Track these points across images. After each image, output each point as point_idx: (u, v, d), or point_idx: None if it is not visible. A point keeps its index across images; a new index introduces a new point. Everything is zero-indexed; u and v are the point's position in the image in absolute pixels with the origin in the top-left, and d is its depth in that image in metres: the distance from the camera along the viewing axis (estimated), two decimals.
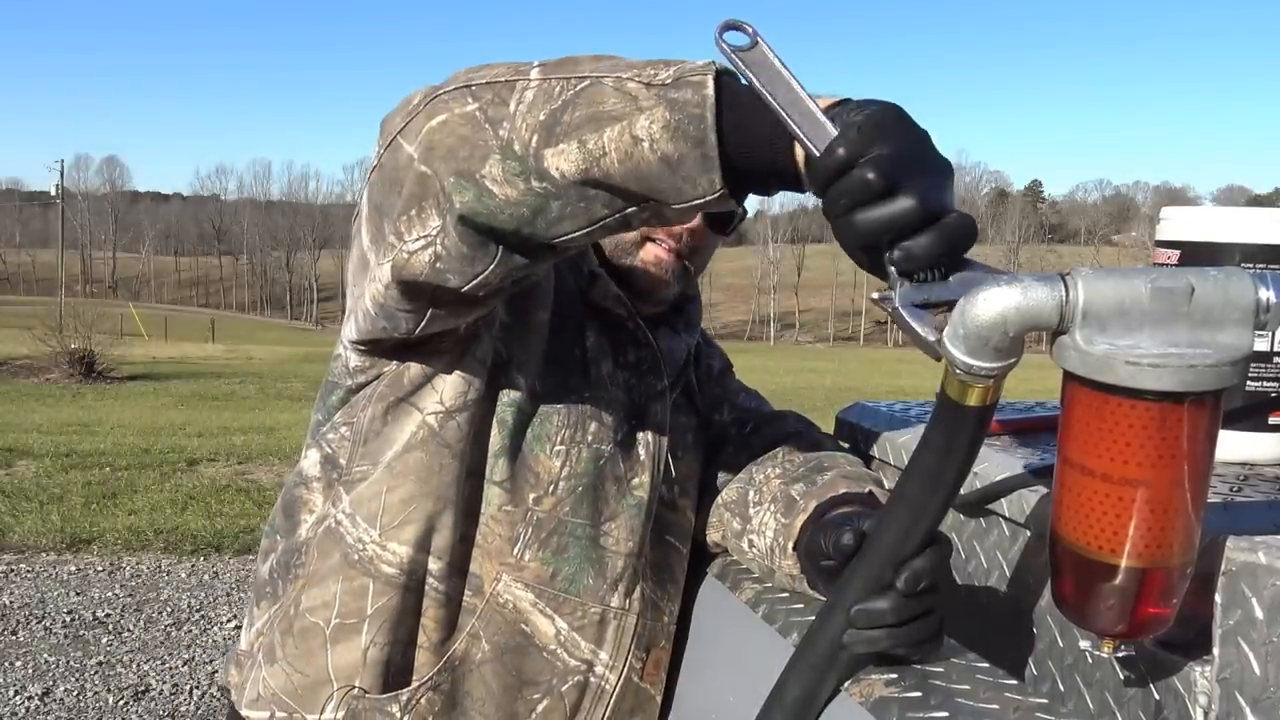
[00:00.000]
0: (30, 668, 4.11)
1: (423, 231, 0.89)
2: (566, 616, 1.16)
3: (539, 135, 0.79)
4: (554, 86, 0.80)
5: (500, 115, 0.81)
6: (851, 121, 0.72)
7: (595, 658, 1.18)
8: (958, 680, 0.89)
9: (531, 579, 1.15)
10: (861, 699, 0.87)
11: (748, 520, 1.20)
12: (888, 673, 0.90)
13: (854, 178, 0.70)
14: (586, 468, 1.17)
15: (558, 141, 0.79)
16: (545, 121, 0.79)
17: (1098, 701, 0.95)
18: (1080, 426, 0.74)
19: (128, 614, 4.78)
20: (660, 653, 1.25)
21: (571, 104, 0.79)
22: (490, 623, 1.14)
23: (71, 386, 15.12)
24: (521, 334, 1.15)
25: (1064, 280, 0.70)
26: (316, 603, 1.14)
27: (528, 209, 0.83)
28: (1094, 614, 0.78)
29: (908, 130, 0.73)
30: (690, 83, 0.75)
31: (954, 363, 0.73)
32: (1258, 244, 1.08)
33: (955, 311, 0.71)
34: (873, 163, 0.70)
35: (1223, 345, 0.70)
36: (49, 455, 8.26)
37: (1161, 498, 0.72)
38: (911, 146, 0.72)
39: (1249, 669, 0.80)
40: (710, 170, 0.76)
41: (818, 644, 0.90)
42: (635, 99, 0.76)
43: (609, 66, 0.80)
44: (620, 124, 0.76)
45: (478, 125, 0.82)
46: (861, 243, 0.72)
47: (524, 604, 1.15)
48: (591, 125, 0.77)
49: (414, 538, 1.12)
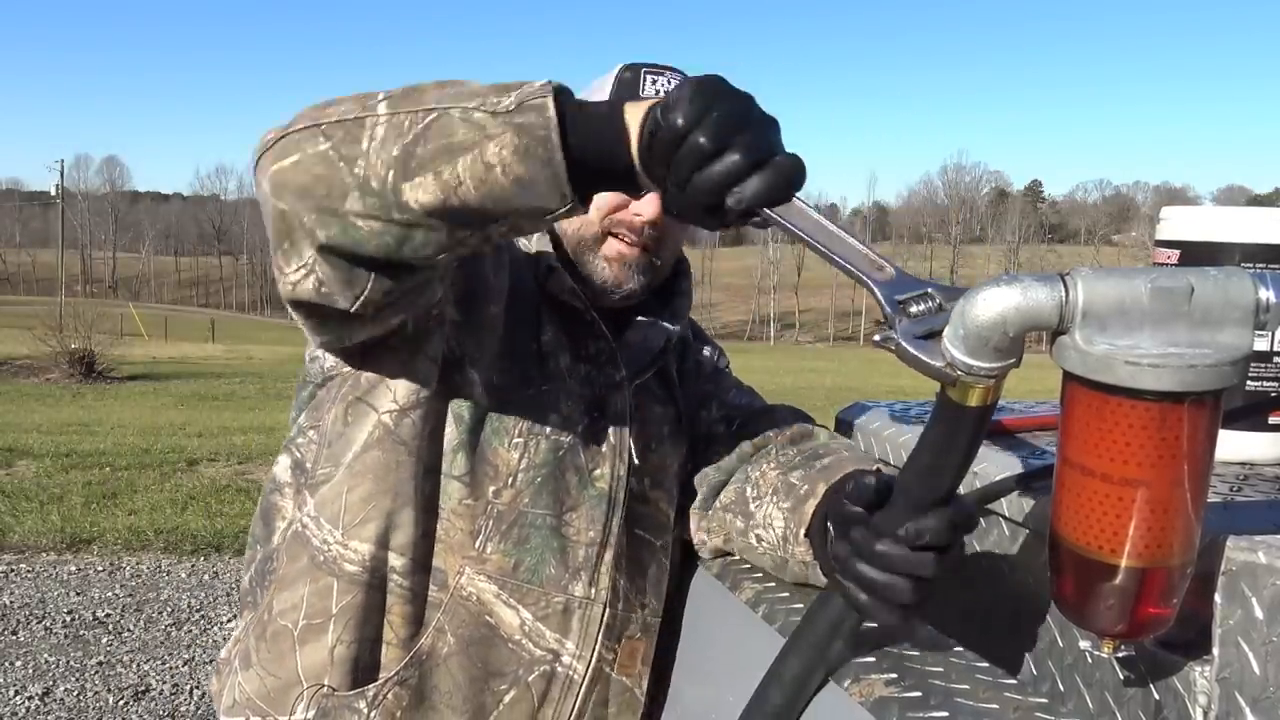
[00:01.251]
0: (30, 668, 4.11)
1: (300, 261, 0.93)
2: (530, 607, 1.17)
3: (395, 170, 0.84)
4: (403, 121, 0.84)
5: (354, 153, 0.85)
6: (677, 98, 0.78)
7: (561, 647, 1.18)
8: (958, 680, 0.89)
9: (494, 571, 1.16)
10: (861, 699, 0.87)
11: (750, 517, 1.19)
12: (888, 673, 0.90)
13: (688, 145, 0.77)
14: (545, 458, 1.18)
15: (414, 175, 0.83)
16: (399, 157, 0.83)
17: (1098, 701, 0.95)
18: (1080, 426, 0.74)
19: (128, 614, 4.78)
20: (635, 644, 1.25)
21: (422, 137, 0.83)
22: (455, 616, 1.15)
23: (71, 386, 15.11)
24: (473, 330, 1.17)
25: (1064, 280, 0.70)
26: (286, 605, 1.16)
27: (392, 238, 0.87)
28: (1094, 614, 0.78)
29: (728, 94, 0.79)
30: (532, 106, 0.81)
31: (954, 363, 0.73)
32: (1258, 244, 1.08)
33: (955, 312, 0.71)
34: (701, 127, 0.77)
35: (1223, 345, 0.70)
36: (49, 455, 8.25)
37: (1161, 498, 0.72)
38: (734, 107, 0.78)
39: (1249, 669, 0.80)
40: (560, 185, 0.81)
41: (817, 622, 0.91)
42: (483, 128, 0.81)
43: (453, 96, 0.84)
44: (471, 153, 0.81)
45: (332, 164, 0.86)
46: (705, 203, 0.79)
47: (487, 596, 1.16)
48: (444, 157, 0.82)
49: (374, 535, 1.13)
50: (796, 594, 1.14)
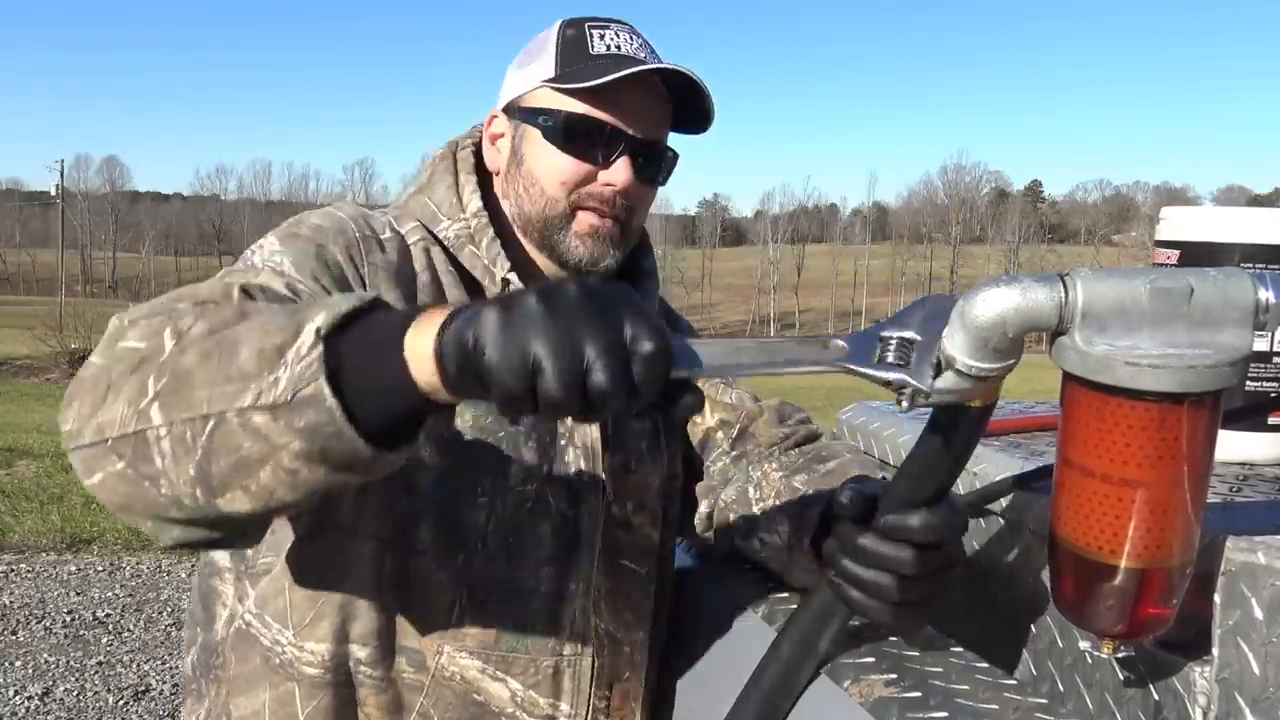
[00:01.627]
0: (30, 668, 4.11)
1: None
2: (519, 676, 1.10)
3: (200, 490, 0.76)
4: (184, 432, 0.74)
5: (151, 472, 0.76)
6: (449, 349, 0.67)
7: (556, 710, 1.12)
8: (957, 680, 0.89)
9: (475, 645, 1.09)
10: (861, 699, 0.87)
11: (754, 520, 1.18)
12: (888, 673, 0.90)
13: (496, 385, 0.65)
14: (514, 514, 1.09)
15: (221, 493, 0.75)
16: (197, 477, 0.75)
17: (1098, 701, 0.95)
18: (1080, 427, 0.74)
19: (128, 614, 4.78)
20: (627, 685, 1.19)
21: (211, 454, 0.74)
22: (440, 699, 1.08)
23: None
24: None
25: (1063, 281, 0.70)
26: (246, 712, 1.08)
27: (232, 523, 0.80)
28: (1094, 614, 0.78)
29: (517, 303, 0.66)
30: (309, 400, 0.69)
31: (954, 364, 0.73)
32: (1258, 244, 1.08)
33: (955, 312, 0.71)
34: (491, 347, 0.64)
35: (1222, 345, 0.70)
36: (49, 455, 8.25)
37: (1161, 498, 0.72)
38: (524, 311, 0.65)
39: (1248, 669, 0.80)
40: (373, 459, 0.72)
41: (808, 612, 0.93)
42: (267, 438, 0.72)
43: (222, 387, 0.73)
44: (269, 464, 0.73)
45: (137, 484, 0.78)
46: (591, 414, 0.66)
47: (472, 673, 1.09)
48: (243, 473, 0.74)
49: (330, 632, 1.05)
50: (797, 595, 1.14)
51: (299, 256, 1.02)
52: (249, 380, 0.72)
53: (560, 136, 1.11)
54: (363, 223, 1.10)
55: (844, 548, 0.89)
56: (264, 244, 1.05)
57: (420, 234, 1.13)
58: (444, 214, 1.15)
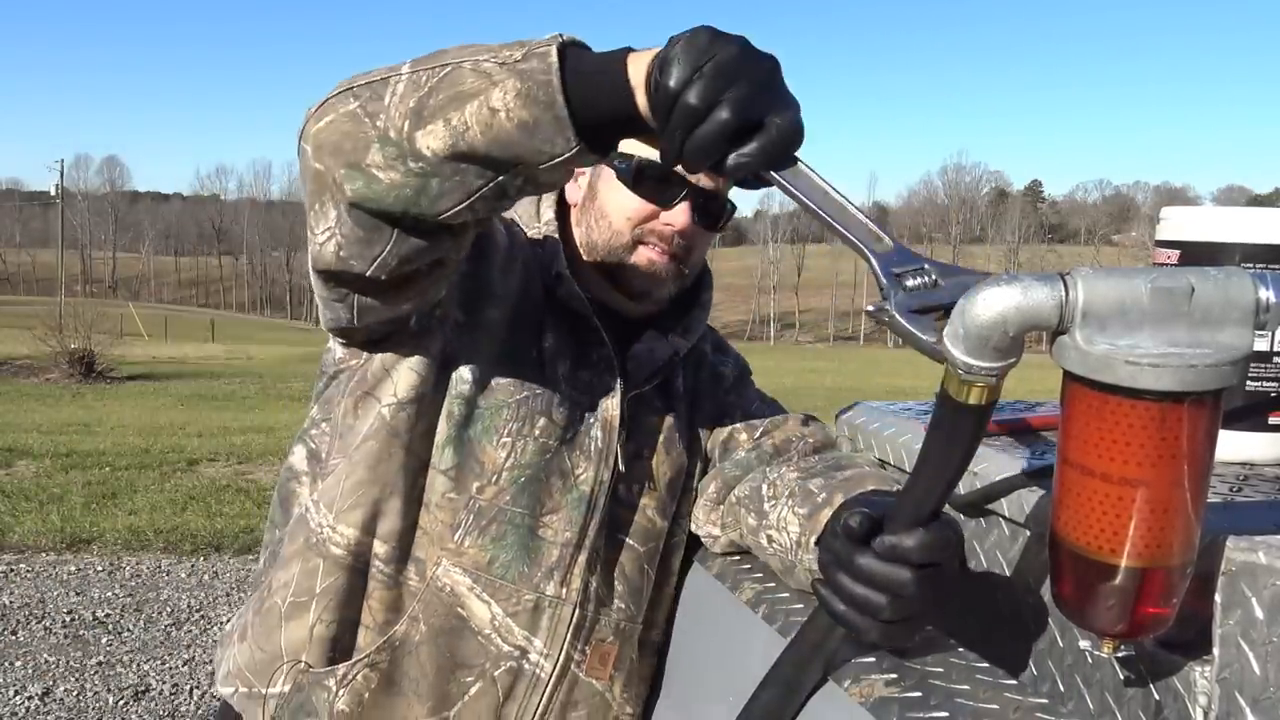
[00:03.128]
0: (30, 668, 4.11)
1: (326, 224, 0.99)
2: (502, 602, 1.19)
3: (410, 120, 0.88)
4: (421, 76, 0.89)
5: (377, 109, 0.90)
6: (666, 56, 0.79)
7: (529, 644, 1.20)
8: (957, 680, 0.89)
9: (469, 564, 1.19)
10: (862, 699, 0.87)
11: (764, 515, 1.19)
12: (888, 673, 0.90)
13: (680, 107, 0.78)
14: (531, 459, 1.20)
15: (426, 123, 0.87)
16: (414, 108, 0.88)
17: (1098, 701, 0.95)
18: (1080, 426, 0.74)
19: (128, 614, 4.77)
20: (607, 648, 1.25)
21: (436, 89, 0.87)
22: (429, 605, 1.18)
23: (71, 386, 15.11)
24: (471, 331, 1.20)
25: (1064, 280, 0.70)
26: (279, 583, 1.20)
27: (410, 189, 0.91)
28: (1094, 614, 0.78)
29: (721, 47, 0.78)
30: (536, 54, 0.83)
31: (954, 363, 0.73)
32: (1258, 244, 1.08)
33: (955, 311, 0.72)
34: (691, 89, 0.77)
35: (1222, 345, 0.70)
36: (49, 455, 8.25)
37: (1161, 498, 0.72)
38: (724, 62, 0.78)
39: (1249, 669, 0.80)
40: (564, 129, 0.83)
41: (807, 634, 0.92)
42: (489, 76, 0.85)
43: (470, 52, 0.88)
44: (478, 99, 0.85)
45: (358, 120, 0.91)
46: (706, 164, 0.80)
47: (461, 588, 1.19)
48: (454, 104, 0.86)
49: (360, 521, 1.17)
50: (796, 595, 1.14)
51: None
52: (491, 50, 0.87)
53: (632, 179, 1.23)
54: None
55: (838, 562, 0.89)
56: None
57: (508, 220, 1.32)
58: (523, 222, 1.33)
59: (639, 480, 1.28)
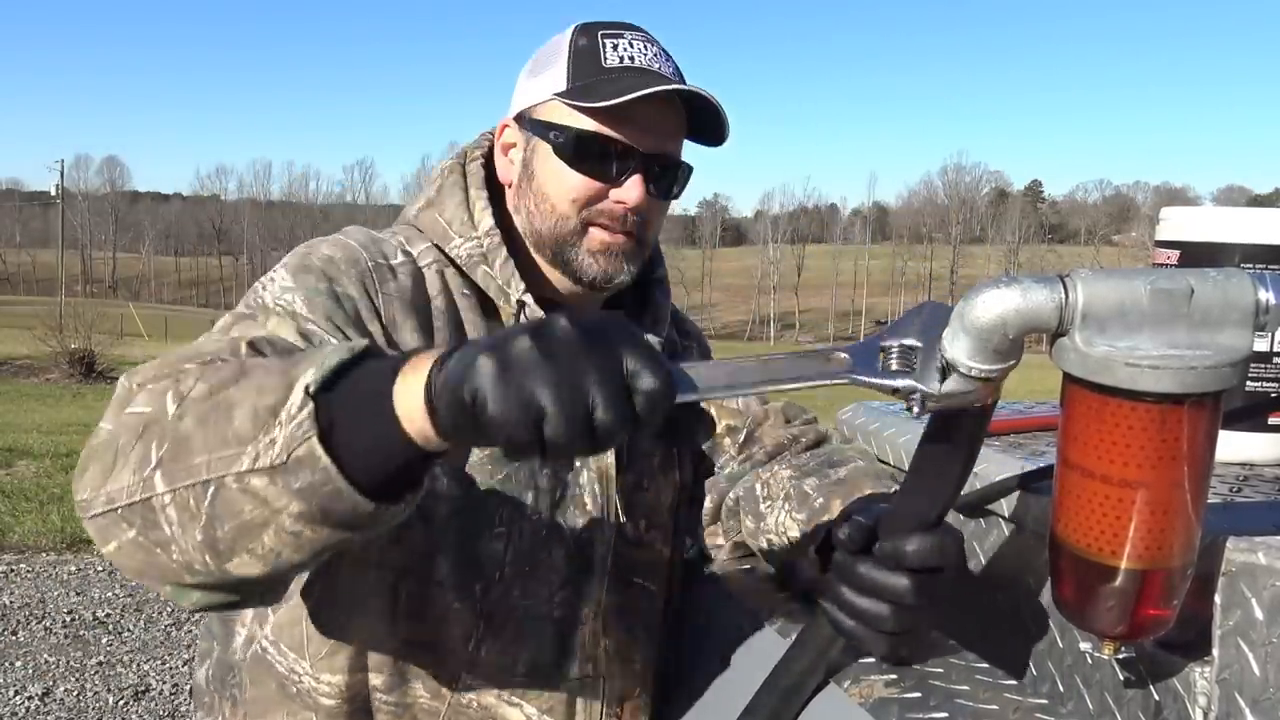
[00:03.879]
0: (30, 668, 4.11)
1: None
2: (534, 701, 1.12)
3: (210, 556, 0.76)
4: (187, 499, 0.74)
5: (162, 539, 0.77)
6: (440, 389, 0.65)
7: None
8: (957, 680, 0.89)
9: (492, 672, 1.10)
10: (862, 699, 0.87)
11: (761, 518, 1.16)
12: (888, 673, 0.90)
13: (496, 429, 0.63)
14: (531, 541, 1.10)
15: (229, 558, 0.75)
16: (204, 543, 0.75)
17: (1097, 702, 0.95)
18: (1080, 428, 0.74)
19: (128, 614, 4.78)
20: (636, 701, 1.21)
21: (215, 520, 0.74)
22: None
23: (71, 386, 15.11)
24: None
25: (1063, 282, 0.70)
26: None
27: (248, 586, 0.80)
28: (1094, 616, 0.78)
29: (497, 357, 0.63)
30: (303, 461, 0.69)
31: (955, 365, 0.73)
32: (1258, 244, 1.08)
33: (954, 314, 0.71)
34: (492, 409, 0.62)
35: (1222, 346, 0.70)
36: (49, 455, 8.25)
37: (1161, 499, 0.72)
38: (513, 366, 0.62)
39: (1249, 670, 0.80)
40: (375, 513, 0.71)
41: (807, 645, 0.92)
42: (266, 501, 0.71)
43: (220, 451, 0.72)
44: (270, 527, 0.73)
45: (150, 551, 0.78)
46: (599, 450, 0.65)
47: (489, 699, 1.10)
48: (247, 537, 0.74)
49: (347, 663, 1.07)
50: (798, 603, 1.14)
51: (310, 294, 1.01)
52: (245, 443, 0.71)
53: (571, 154, 1.09)
54: (374, 250, 1.09)
55: (840, 574, 0.88)
56: (275, 278, 1.04)
57: (433, 255, 1.13)
58: (455, 231, 1.14)
59: (643, 514, 1.20)
